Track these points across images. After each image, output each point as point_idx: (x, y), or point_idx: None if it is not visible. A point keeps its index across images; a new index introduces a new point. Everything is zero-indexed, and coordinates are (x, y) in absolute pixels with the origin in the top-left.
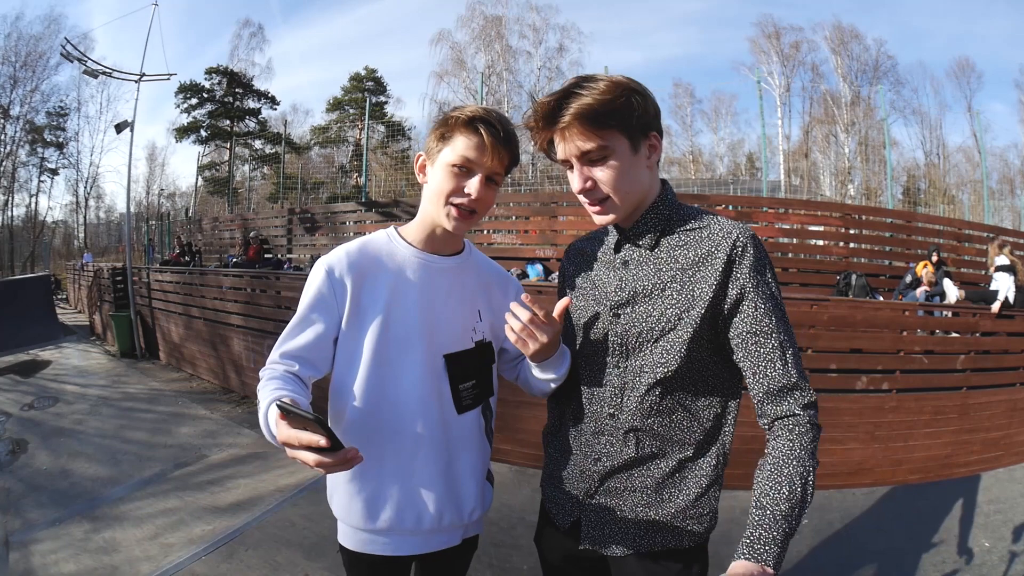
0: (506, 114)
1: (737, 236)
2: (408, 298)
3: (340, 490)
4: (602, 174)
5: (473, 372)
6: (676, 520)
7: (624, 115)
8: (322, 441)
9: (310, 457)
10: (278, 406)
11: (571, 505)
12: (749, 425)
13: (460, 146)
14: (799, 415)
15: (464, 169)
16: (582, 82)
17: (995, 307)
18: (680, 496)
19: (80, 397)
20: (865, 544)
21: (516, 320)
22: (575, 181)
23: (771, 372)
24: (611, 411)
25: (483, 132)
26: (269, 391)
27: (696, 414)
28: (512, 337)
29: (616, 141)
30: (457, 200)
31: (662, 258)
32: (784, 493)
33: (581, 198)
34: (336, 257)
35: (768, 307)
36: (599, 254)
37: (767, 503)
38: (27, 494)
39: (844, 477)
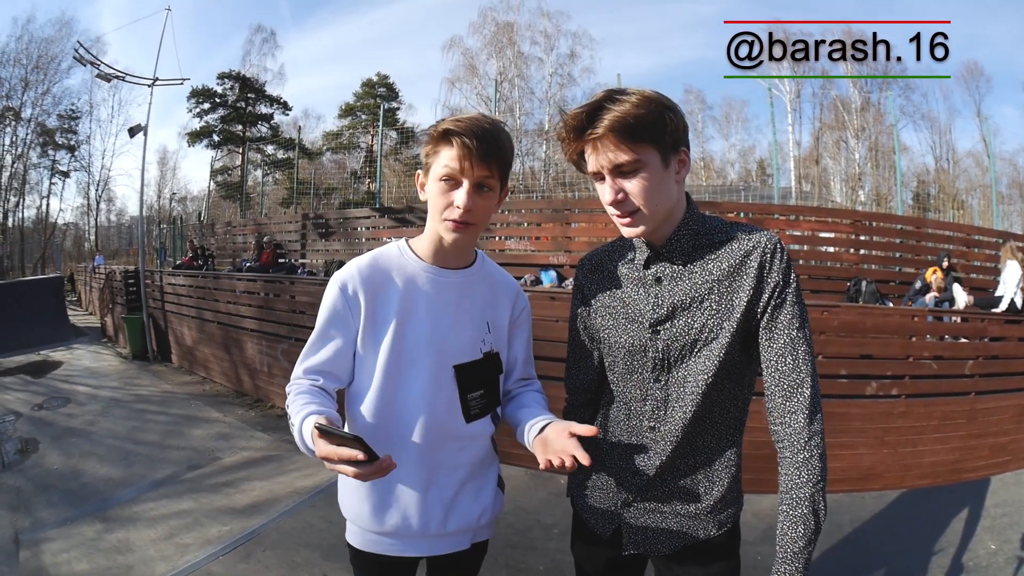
0: (507, 119)
1: (766, 243)
2: (418, 312)
3: (350, 492)
4: (633, 187)
5: (482, 382)
6: (715, 510)
7: (657, 130)
8: (360, 455)
9: (349, 469)
10: (316, 427)
11: (610, 515)
12: (759, 431)
13: (442, 159)
14: (803, 432)
15: (451, 181)
16: (613, 95)
17: (1001, 306)
18: (716, 488)
19: (92, 398)
20: (875, 547)
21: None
22: (606, 193)
23: (782, 367)
24: (652, 424)
25: (456, 142)
26: (299, 406)
27: (728, 411)
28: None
29: (648, 155)
30: (449, 214)
31: (696, 271)
32: (800, 531)
33: (611, 210)
34: (348, 273)
35: (793, 308)
36: (624, 271)
37: (787, 542)
38: (38, 493)
39: (854, 482)
